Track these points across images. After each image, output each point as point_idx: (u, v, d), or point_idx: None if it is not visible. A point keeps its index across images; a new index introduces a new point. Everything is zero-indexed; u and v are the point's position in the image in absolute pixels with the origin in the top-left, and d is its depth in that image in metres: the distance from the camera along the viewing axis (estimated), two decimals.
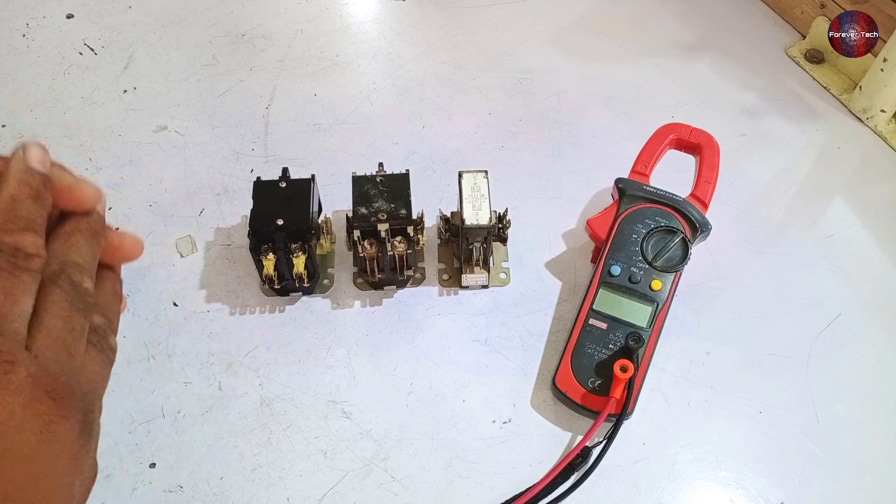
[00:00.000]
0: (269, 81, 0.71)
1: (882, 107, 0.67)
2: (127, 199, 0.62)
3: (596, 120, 0.68)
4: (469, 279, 0.56)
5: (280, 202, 0.53)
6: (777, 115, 0.69)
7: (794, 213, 0.62)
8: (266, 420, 0.50)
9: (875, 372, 0.53)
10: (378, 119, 0.68)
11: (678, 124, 0.59)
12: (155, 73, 0.71)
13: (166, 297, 0.56)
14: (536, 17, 0.77)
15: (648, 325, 0.51)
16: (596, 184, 0.63)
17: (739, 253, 0.60)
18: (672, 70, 0.73)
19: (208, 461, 0.48)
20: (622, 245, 0.54)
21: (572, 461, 0.47)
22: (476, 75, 0.72)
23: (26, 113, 0.68)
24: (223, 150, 0.65)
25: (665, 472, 0.48)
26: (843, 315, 0.56)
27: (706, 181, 0.56)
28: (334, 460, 0.48)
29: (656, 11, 0.79)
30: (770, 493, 0.48)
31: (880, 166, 0.66)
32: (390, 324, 0.55)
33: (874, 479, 0.48)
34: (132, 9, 0.77)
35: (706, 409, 0.51)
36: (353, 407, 0.51)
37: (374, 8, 0.79)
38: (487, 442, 0.50)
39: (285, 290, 0.55)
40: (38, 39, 0.74)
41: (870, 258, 0.59)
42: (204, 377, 0.52)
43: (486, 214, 0.52)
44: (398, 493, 0.47)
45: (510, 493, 0.47)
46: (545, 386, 0.52)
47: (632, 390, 0.48)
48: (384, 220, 0.52)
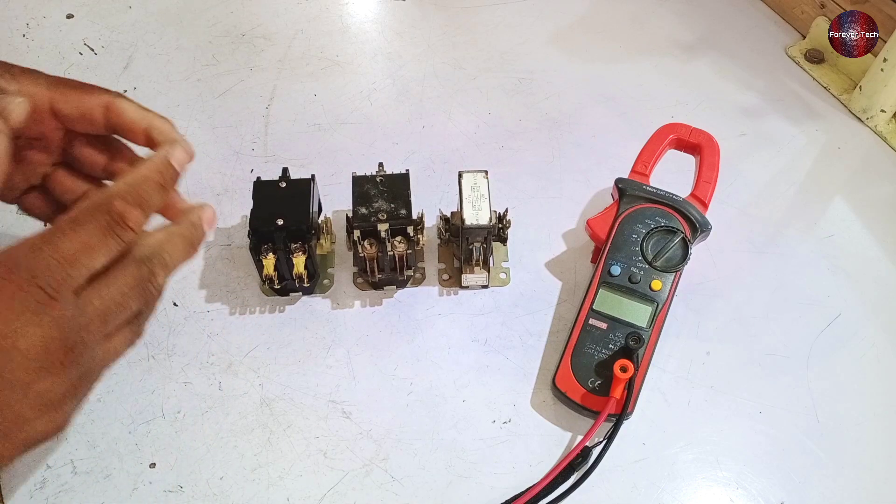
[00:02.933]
0: (269, 81, 0.71)
1: (882, 107, 0.67)
2: None
3: (596, 120, 0.68)
4: (469, 279, 0.56)
5: (280, 202, 0.53)
6: (777, 115, 0.69)
7: (794, 213, 0.62)
8: (266, 420, 0.50)
9: (875, 372, 0.53)
10: (378, 119, 0.68)
11: (678, 124, 0.59)
12: (155, 73, 0.71)
13: (166, 297, 0.56)
14: (536, 17, 0.77)
15: (648, 325, 0.51)
16: (596, 184, 0.63)
17: (739, 253, 0.60)
18: (672, 70, 0.73)
19: (208, 461, 0.48)
20: (622, 245, 0.54)
21: (572, 461, 0.47)
22: (476, 75, 0.72)
23: None
24: (223, 150, 0.65)
25: (665, 472, 0.49)
26: (843, 315, 0.56)
27: (706, 181, 0.56)
28: (334, 460, 0.48)
29: (656, 11, 0.79)
30: (770, 493, 0.48)
31: (880, 166, 0.66)
32: (390, 324, 0.55)
33: (874, 479, 0.48)
34: (132, 9, 0.77)
35: (706, 409, 0.51)
36: (353, 407, 0.51)
37: (374, 8, 0.79)
38: (487, 442, 0.50)
39: (285, 290, 0.56)
40: (38, 39, 0.74)
41: (870, 258, 0.59)
42: (204, 377, 0.52)
43: (486, 214, 0.52)
44: (398, 493, 0.47)
45: (510, 493, 0.47)
46: (545, 386, 0.52)
47: (632, 390, 0.48)
48: (384, 220, 0.52)
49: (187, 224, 0.37)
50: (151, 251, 0.34)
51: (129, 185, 0.34)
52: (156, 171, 0.35)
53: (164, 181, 0.35)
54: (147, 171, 0.35)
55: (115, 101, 0.42)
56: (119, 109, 0.41)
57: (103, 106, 0.41)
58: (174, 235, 0.36)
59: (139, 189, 0.34)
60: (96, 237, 0.32)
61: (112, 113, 0.41)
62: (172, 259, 0.35)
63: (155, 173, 0.35)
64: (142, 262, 0.34)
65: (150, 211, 0.34)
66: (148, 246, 0.34)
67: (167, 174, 0.35)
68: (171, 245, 0.35)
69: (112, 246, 0.32)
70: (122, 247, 0.33)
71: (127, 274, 0.33)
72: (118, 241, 0.32)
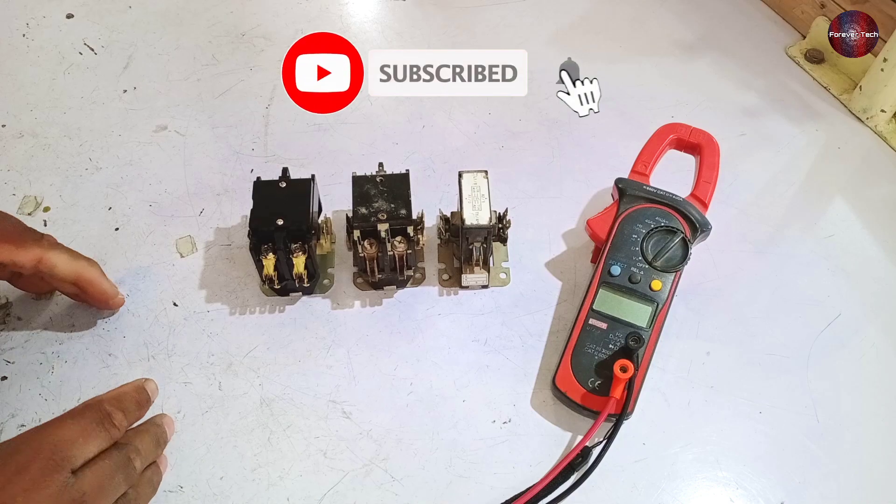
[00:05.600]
0: (269, 81, 0.71)
1: (882, 107, 0.67)
2: (127, 199, 0.62)
3: (596, 120, 0.68)
4: (469, 279, 0.56)
5: (280, 202, 0.53)
6: (777, 115, 0.69)
7: (794, 213, 0.62)
8: (266, 420, 0.50)
9: (875, 372, 0.53)
10: (378, 119, 0.68)
11: (678, 124, 0.59)
12: (155, 73, 0.71)
13: (166, 297, 0.56)
14: (536, 17, 0.77)
15: (648, 325, 0.51)
16: (596, 184, 0.63)
17: (739, 253, 0.60)
18: (672, 70, 0.73)
19: (208, 461, 0.48)
20: (622, 245, 0.54)
21: (572, 461, 0.47)
22: None
23: (26, 113, 0.68)
24: (223, 150, 0.65)
25: (665, 472, 0.48)
26: (843, 315, 0.56)
27: (706, 181, 0.56)
28: (334, 460, 0.48)
29: (656, 11, 0.79)
30: (770, 493, 0.48)
31: (880, 166, 0.66)
32: (390, 324, 0.55)
33: (874, 479, 0.48)
34: (132, 9, 0.77)
35: (706, 409, 0.51)
36: (353, 407, 0.51)
37: (374, 8, 0.79)
38: (487, 442, 0.50)
39: (285, 290, 0.55)
40: (38, 39, 0.74)
41: (870, 258, 0.59)
42: (204, 377, 0.52)
43: (486, 214, 0.52)
44: (398, 493, 0.47)
45: (510, 493, 0.47)
46: (545, 386, 0.52)
47: (632, 390, 0.48)
48: (384, 220, 0.52)
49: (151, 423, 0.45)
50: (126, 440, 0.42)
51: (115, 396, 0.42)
52: (134, 390, 0.44)
53: (140, 401, 0.44)
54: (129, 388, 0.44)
55: (46, 254, 0.48)
56: (50, 263, 0.49)
57: (35, 259, 0.48)
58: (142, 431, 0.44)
59: (122, 399, 0.42)
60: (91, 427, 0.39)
61: (43, 265, 0.48)
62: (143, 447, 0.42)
63: (134, 392, 0.44)
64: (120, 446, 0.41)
65: (129, 418, 0.42)
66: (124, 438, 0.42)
67: (142, 397, 0.44)
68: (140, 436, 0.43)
69: (102, 437, 0.40)
70: (109, 441, 0.40)
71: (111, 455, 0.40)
72: (107, 435, 0.40)
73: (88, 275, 0.51)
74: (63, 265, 0.49)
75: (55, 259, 0.49)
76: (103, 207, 0.61)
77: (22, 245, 0.48)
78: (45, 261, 0.48)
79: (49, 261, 0.48)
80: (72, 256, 0.50)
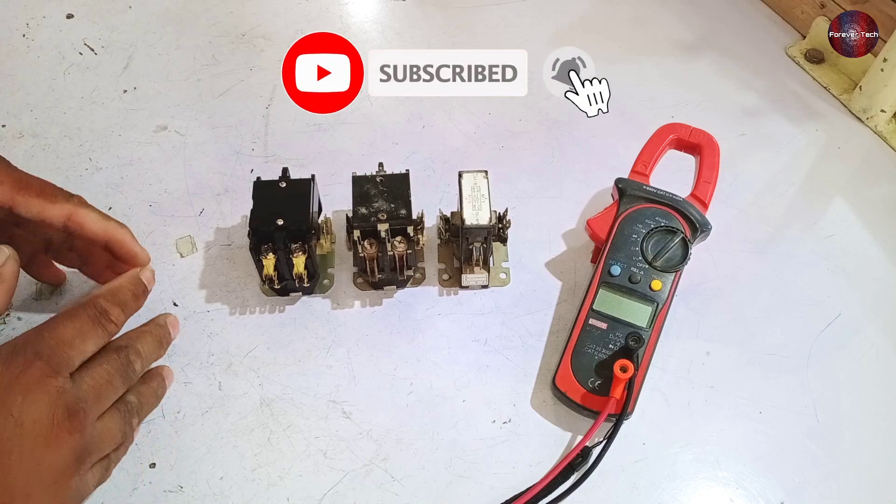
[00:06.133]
0: (269, 81, 0.71)
1: (882, 107, 0.67)
2: (127, 199, 0.62)
3: (596, 120, 0.68)
4: (469, 279, 0.56)
5: (280, 202, 0.53)
6: (777, 115, 0.69)
7: (794, 213, 0.62)
8: (266, 420, 0.50)
9: (875, 372, 0.53)
10: (378, 119, 0.68)
11: (678, 124, 0.59)
12: (155, 73, 0.71)
13: (166, 297, 0.56)
14: (536, 17, 0.77)
15: (648, 325, 0.51)
16: (596, 184, 0.63)
17: (739, 253, 0.60)
18: (672, 70, 0.73)
19: (208, 461, 0.48)
20: (622, 245, 0.54)
21: (572, 461, 0.47)
22: None
23: (26, 113, 0.68)
24: (223, 150, 0.65)
25: (665, 472, 0.48)
26: (843, 315, 0.56)
27: (706, 181, 0.56)
28: (334, 460, 0.48)
29: (656, 11, 0.79)
30: (770, 493, 0.48)
31: (880, 166, 0.66)
32: (390, 324, 0.55)
33: (874, 479, 0.48)
34: (132, 9, 0.77)
35: (706, 409, 0.51)
36: (353, 407, 0.51)
37: (374, 8, 0.79)
38: (487, 442, 0.50)
39: (285, 290, 0.55)
40: (38, 39, 0.74)
41: (870, 258, 0.59)
42: (204, 377, 0.52)
43: (486, 214, 0.52)
44: (398, 493, 0.47)
45: (510, 493, 0.47)
46: (545, 386, 0.52)
47: (632, 390, 0.48)
48: (384, 220, 0.52)
49: (154, 324, 0.45)
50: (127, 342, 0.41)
51: (110, 290, 0.42)
52: (129, 282, 0.43)
53: (136, 292, 0.43)
54: (123, 281, 0.43)
55: (77, 211, 0.46)
56: (80, 220, 0.46)
57: (65, 216, 0.46)
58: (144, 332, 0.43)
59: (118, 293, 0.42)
60: (87, 326, 0.39)
61: (73, 223, 0.46)
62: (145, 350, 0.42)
63: (129, 284, 0.43)
64: (120, 349, 0.40)
65: (127, 311, 0.42)
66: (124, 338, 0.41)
67: (138, 288, 0.43)
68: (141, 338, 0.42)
69: (99, 334, 0.39)
70: (107, 338, 0.40)
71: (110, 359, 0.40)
72: (104, 331, 0.40)
73: (120, 235, 0.48)
74: (93, 223, 0.46)
75: (85, 217, 0.46)
76: (103, 207, 0.61)
77: (53, 200, 0.45)
78: (74, 217, 0.46)
79: (79, 217, 0.46)
80: (102, 216, 0.47)
